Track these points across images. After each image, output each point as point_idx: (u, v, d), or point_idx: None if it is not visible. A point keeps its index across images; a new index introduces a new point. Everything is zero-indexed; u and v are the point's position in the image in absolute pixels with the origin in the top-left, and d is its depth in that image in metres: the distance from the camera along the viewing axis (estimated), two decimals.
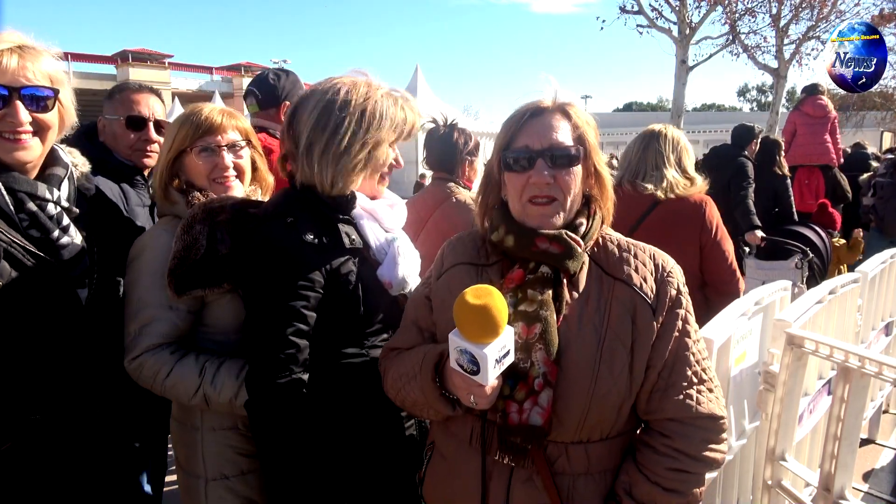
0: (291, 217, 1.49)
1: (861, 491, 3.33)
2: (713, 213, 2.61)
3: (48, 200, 1.51)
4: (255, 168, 1.93)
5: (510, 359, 1.20)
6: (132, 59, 46.95)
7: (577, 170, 1.34)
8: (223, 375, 1.65)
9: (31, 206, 1.47)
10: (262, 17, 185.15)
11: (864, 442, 3.73)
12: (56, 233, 1.52)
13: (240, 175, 1.84)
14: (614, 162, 4.93)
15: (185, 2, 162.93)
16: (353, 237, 1.55)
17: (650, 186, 2.69)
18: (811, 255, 4.80)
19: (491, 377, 1.16)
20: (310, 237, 1.47)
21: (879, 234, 6.38)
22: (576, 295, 1.34)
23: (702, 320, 2.01)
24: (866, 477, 3.50)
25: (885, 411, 4.17)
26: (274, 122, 2.79)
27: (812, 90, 6.81)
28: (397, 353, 1.47)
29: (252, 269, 1.50)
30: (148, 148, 2.39)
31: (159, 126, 2.40)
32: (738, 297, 2.45)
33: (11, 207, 1.44)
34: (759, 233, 5.05)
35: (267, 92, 2.81)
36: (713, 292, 2.60)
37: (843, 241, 5.60)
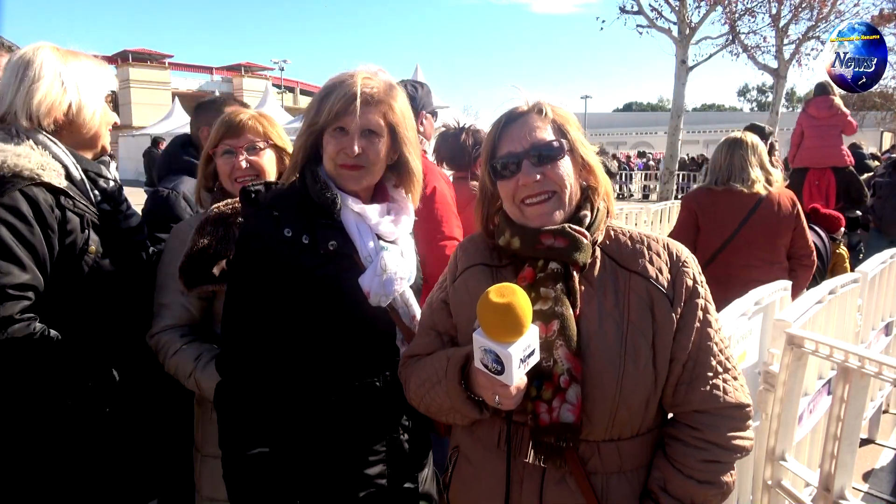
0: (278, 211, 1.49)
1: (861, 491, 3.33)
2: (799, 206, 3.37)
3: (109, 179, 1.82)
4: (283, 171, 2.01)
5: (535, 358, 1.19)
6: (132, 59, 46.97)
7: (565, 162, 1.34)
8: (213, 366, 1.68)
9: (102, 183, 1.79)
10: (262, 17, 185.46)
11: (864, 442, 3.72)
12: (124, 205, 1.85)
13: (258, 175, 1.92)
14: (613, 164, 4.99)
15: (185, 2, 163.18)
16: (334, 242, 1.51)
17: (738, 185, 3.29)
18: None
19: (516, 377, 1.14)
20: (287, 234, 1.46)
21: (879, 234, 6.35)
22: (591, 290, 1.32)
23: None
24: (866, 477, 3.49)
25: (885, 411, 4.16)
26: None
27: (818, 91, 6.62)
28: (417, 359, 1.45)
29: (234, 257, 1.54)
30: None
31: None
32: (813, 266, 3.37)
33: (88, 186, 1.74)
34: None
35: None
36: (797, 264, 3.35)
37: (844, 249, 5.56)
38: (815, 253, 3.39)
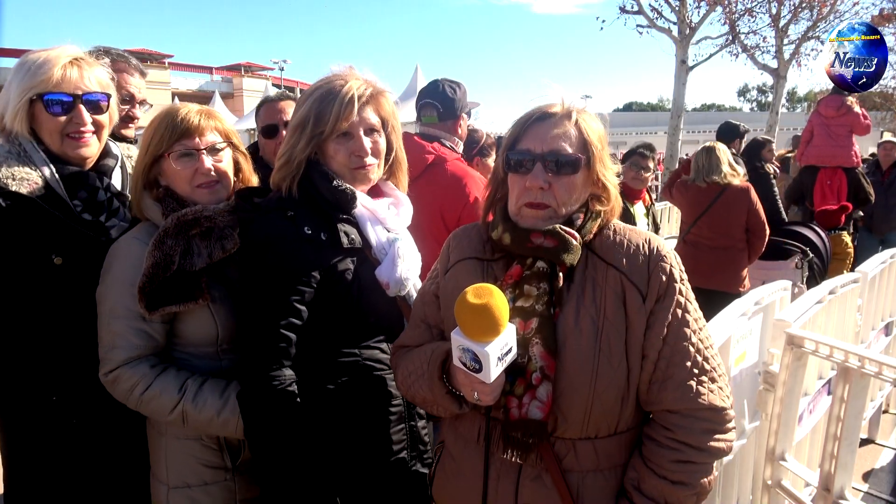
0: (292, 211, 1.50)
1: (861, 491, 3.33)
2: (754, 194, 4.36)
3: (98, 188, 1.78)
4: (239, 170, 1.83)
5: (513, 356, 1.20)
6: None
7: (576, 178, 1.33)
8: (206, 393, 1.61)
9: (84, 193, 1.74)
10: (262, 17, 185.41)
11: (864, 442, 3.73)
12: (104, 216, 1.78)
13: (221, 178, 1.73)
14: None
15: (185, 2, 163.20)
16: (353, 236, 1.55)
17: (716, 178, 4.36)
18: (811, 255, 4.81)
19: (493, 374, 1.16)
20: (307, 232, 1.48)
21: (869, 233, 6.41)
22: (574, 287, 1.32)
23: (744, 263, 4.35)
24: (866, 477, 3.50)
25: (885, 411, 4.17)
26: (450, 132, 2.87)
27: (833, 90, 6.34)
28: (406, 350, 1.48)
29: (248, 260, 1.52)
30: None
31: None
32: (765, 240, 4.36)
33: (66, 195, 1.70)
34: None
35: (447, 105, 2.88)
36: (752, 236, 4.34)
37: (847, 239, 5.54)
38: (767, 228, 4.36)
